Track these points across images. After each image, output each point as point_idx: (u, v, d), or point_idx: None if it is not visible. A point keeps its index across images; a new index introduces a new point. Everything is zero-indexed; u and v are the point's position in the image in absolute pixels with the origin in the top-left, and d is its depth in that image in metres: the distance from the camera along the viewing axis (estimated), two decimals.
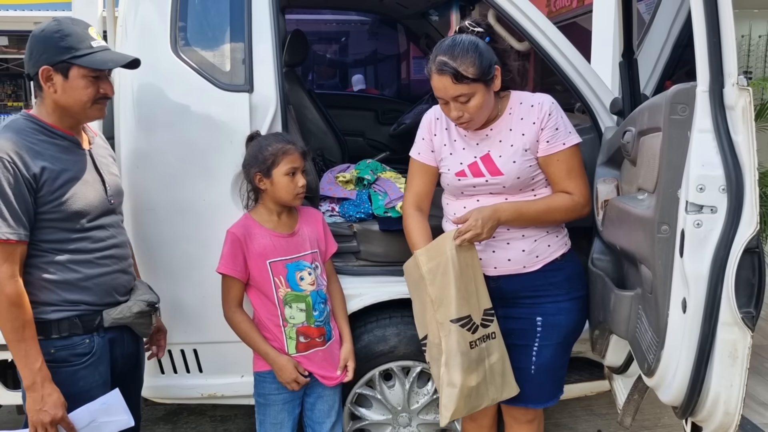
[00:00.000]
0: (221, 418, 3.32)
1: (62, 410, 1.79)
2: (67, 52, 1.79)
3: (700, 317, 1.57)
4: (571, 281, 2.14)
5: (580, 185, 2.06)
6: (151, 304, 2.03)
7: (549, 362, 2.13)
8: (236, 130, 2.35)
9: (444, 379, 1.98)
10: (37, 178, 1.76)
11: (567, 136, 2.04)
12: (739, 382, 1.57)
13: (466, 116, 1.97)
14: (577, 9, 7.51)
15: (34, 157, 1.77)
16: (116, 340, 1.98)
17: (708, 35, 1.52)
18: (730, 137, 1.53)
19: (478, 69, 1.91)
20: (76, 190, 1.83)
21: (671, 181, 1.62)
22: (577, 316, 2.16)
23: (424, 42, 4.31)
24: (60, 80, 1.81)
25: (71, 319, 1.86)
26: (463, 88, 1.91)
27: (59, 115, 1.86)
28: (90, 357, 1.89)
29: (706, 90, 1.56)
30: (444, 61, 1.91)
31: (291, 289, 2.18)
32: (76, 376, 1.87)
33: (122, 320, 1.95)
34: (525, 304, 2.12)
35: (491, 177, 2.04)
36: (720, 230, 1.53)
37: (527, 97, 2.07)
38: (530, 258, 2.09)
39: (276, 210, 2.21)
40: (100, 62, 1.82)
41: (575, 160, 2.06)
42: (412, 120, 4.04)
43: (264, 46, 2.39)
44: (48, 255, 1.82)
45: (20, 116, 1.88)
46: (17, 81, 14.24)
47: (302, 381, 2.20)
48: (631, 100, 2.37)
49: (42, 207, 1.78)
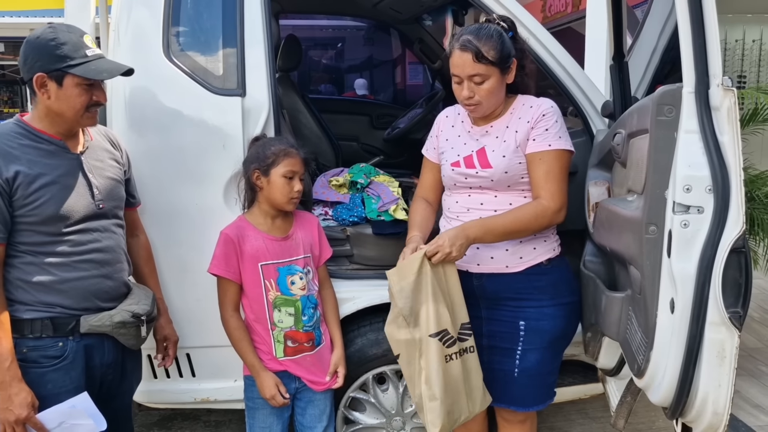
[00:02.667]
0: (215, 423, 3.31)
1: (28, 410, 1.79)
2: (62, 61, 1.79)
3: (688, 317, 1.58)
4: (556, 287, 2.13)
5: (553, 190, 2.02)
6: (136, 316, 1.97)
7: (534, 367, 2.12)
8: (229, 134, 2.36)
9: (426, 395, 1.97)
10: (10, 182, 1.77)
11: (555, 139, 2.03)
12: (728, 382, 1.57)
13: (476, 98, 2.01)
14: (572, 14, 7.55)
15: (9, 161, 1.78)
16: (95, 348, 1.94)
17: (693, 37, 1.54)
18: (716, 138, 1.55)
19: (498, 54, 1.97)
20: (54, 194, 1.83)
21: (658, 182, 1.64)
22: (563, 323, 2.15)
23: (418, 47, 4.32)
24: (54, 87, 1.81)
25: (43, 321, 1.85)
26: (481, 68, 1.97)
27: (50, 121, 1.86)
28: (61, 360, 1.87)
29: (692, 91, 1.57)
30: (469, 39, 1.98)
31: (281, 292, 2.18)
32: (45, 378, 1.86)
33: (100, 328, 1.92)
34: (508, 307, 2.12)
35: (481, 170, 2.07)
36: (707, 230, 1.55)
37: (530, 100, 2.11)
38: (513, 258, 2.09)
39: (271, 213, 2.22)
40: (94, 72, 1.83)
41: (557, 165, 2.03)
42: (406, 125, 4.05)
43: (256, 51, 2.40)
44: (24, 256, 1.83)
45: (11, 120, 1.89)
46: (13, 87, 14.22)
47: (280, 401, 2.19)
48: (622, 103, 2.39)
49: (18, 210, 1.80)
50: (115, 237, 2.00)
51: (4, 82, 14.16)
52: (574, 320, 2.22)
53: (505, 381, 2.13)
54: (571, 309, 2.18)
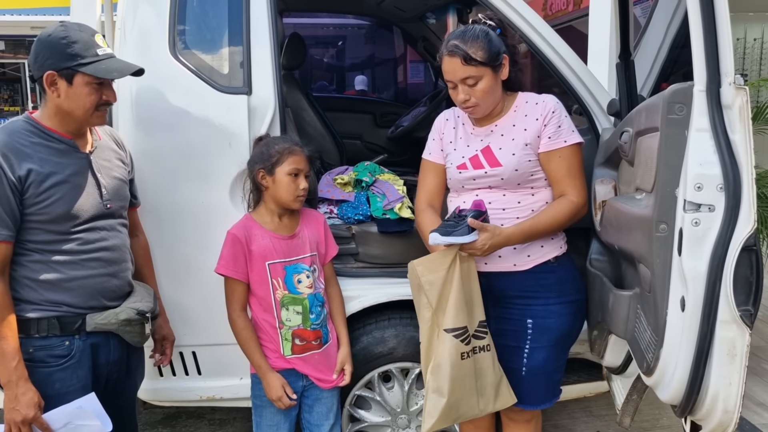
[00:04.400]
0: (220, 422, 3.31)
1: (35, 410, 1.78)
2: (72, 59, 1.79)
3: (698, 316, 1.58)
4: (562, 284, 2.14)
5: (578, 185, 2.08)
6: (141, 313, 1.98)
7: (541, 365, 2.13)
8: (234, 132, 2.36)
9: (430, 385, 1.99)
10: (23, 180, 1.77)
11: (570, 134, 2.07)
12: (738, 380, 1.57)
13: (473, 100, 2.02)
14: (573, 12, 7.54)
15: (22, 159, 1.78)
16: (100, 346, 1.94)
17: (705, 35, 1.53)
18: (728, 136, 1.54)
19: (487, 53, 1.98)
20: (65, 193, 1.83)
21: (669, 180, 1.63)
22: (569, 320, 2.15)
23: (421, 45, 4.32)
24: (64, 86, 1.81)
25: (50, 320, 1.85)
26: (471, 70, 1.97)
27: (60, 119, 1.87)
28: (68, 360, 1.87)
29: (704, 89, 1.57)
30: (455, 44, 1.99)
31: (288, 291, 2.18)
32: (53, 378, 1.86)
33: (107, 326, 1.92)
34: (516, 305, 2.12)
35: (490, 168, 2.07)
36: (718, 228, 1.54)
37: (533, 97, 2.12)
38: (521, 256, 2.10)
39: (277, 212, 2.21)
40: (105, 71, 1.83)
41: (576, 159, 2.08)
42: (410, 123, 4.05)
43: (262, 49, 2.40)
44: (32, 254, 1.83)
45: (21, 117, 1.89)
46: (14, 86, 14.17)
47: (287, 403, 2.19)
48: (628, 101, 2.38)
49: (28, 209, 1.80)
50: (120, 236, 2.01)
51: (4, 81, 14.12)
52: (580, 318, 2.22)
53: (512, 379, 2.13)
54: (578, 307, 2.19)
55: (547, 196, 2.11)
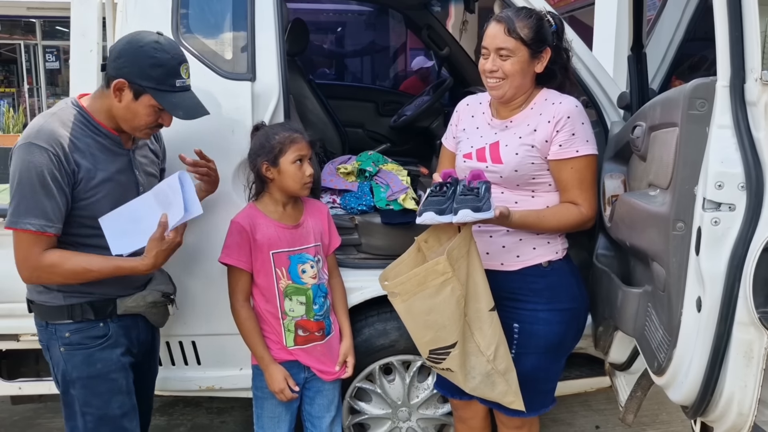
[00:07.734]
0: (218, 410, 3.29)
1: None
2: (149, 81, 1.81)
3: (715, 316, 1.54)
4: (553, 291, 2.06)
5: (589, 198, 2.02)
6: (166, 295, 2.07)
7: (529, 372, 2.05)
8: (238, 119, 2.31)
9: (500, 368, 1.98)
10: (76, 174, 1.79)
11: (583, 144, 1.97)
12: (754, 383, 1.54)
13: (500, 73, 1.98)
14: (575, 3, 7.48)
15: (75, 152, 1.80)
16: (131, 327, 2.01)
17: (730, 28, 1.48)
18: (751, 134, 1.50)
19: (531, 34, 1.96)
20: (109, 191, 1.86)
21: (688, 177, 1.59)
22: (559, 329, 2.07)
23: (425, 33, 4.25)
24: (129, 97, 1.82)
25: (83, 306, 1.89)
26: (510, 42, 1.95)
27: (110, 118, 1.88)
28: (106, 339, 1.93)
29: (727, 85, 1.52)
30: (507, 13, 2.00)
31: (292, 281, 2.15)
32: (94, 358, 1.91)
33: (136, 308, 1.99)
34: (504, 307, 2.04)
35: (491, 164, 2.02)
36: (738, 228, 1.50)
37: (553, 95, 2.04)
38: (509, 256, 2.05)
39: (282, 201, 2.18)
40: (171, 105, 1.84)
41: (589, 172, 2.00)
42: (413, 112, 3.99)
43: (267, 34, 2.35)
44: (68, 247, 1.84)
45: (70, 105, 1.88)
46: (9, 66, 14.01)
47: (289, 395, 2.17)
48: (640, 94, 2.34)
49: (75, 203, 1.82)
50: None
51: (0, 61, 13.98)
52: (573, 327, 2.13)
53: None
54: (571, 316, 2.09)
55: (548, 201, 2.04)
